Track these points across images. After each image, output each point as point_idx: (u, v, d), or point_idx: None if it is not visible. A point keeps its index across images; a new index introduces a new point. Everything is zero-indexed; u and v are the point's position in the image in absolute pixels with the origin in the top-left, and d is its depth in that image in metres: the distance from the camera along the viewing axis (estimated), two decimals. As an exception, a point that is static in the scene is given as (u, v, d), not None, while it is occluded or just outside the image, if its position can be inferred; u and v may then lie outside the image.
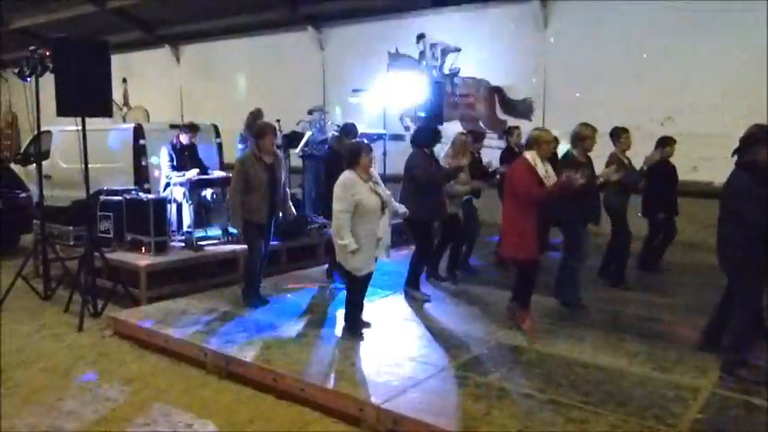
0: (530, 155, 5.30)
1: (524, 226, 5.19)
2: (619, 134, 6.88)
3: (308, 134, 9.66)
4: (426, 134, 6.36)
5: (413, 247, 6.63)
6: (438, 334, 5.43)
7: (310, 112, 10.39)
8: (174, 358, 5.33)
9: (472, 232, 7.37)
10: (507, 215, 5.33)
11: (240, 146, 8.95)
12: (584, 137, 5.86)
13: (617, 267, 6.92)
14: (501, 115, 11.43)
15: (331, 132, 10.32)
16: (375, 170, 5.29)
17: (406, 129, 12.41)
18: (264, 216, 6.01)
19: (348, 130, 6.96)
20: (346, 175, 5.08)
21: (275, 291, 6.76)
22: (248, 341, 5.26)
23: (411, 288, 6.45)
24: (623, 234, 6.82)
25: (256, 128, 6.03)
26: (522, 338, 5.29)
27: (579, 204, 5.75)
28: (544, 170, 5.29)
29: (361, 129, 10.05)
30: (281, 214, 6.40)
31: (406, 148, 6.48)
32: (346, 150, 5.27)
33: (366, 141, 5.48)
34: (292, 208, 6.47)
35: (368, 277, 5.30)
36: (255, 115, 9.08)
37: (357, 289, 5.36)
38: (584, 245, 5.98)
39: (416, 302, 6.29)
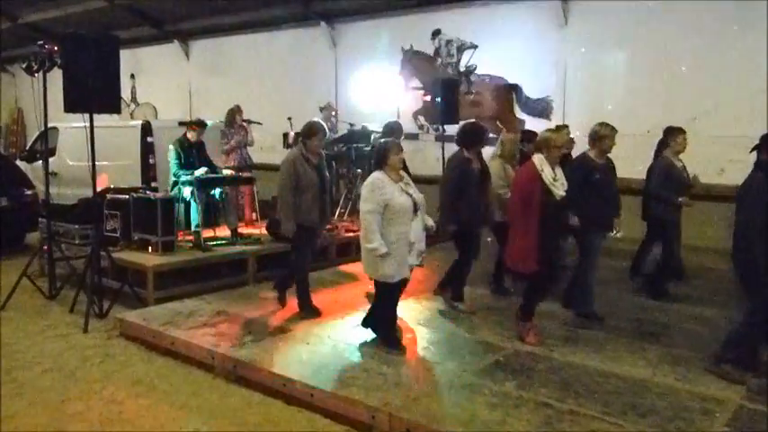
0: (537, 158, 5.17)
1: (527, 236, 5.02)
2: (674, 134, 6.53)
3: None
4: (471, 135, 6.09)
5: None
6: (453, 340, 5.41)
7: (321, 109, 10.41)
8: (181, 361, 5.35)
9: None
10: (512, 223, 5.22)
11: (222, 141, 8.97)
12: (601, 136, 5.74)
13: (660, 279, 6.70)
14: (519, 114, 11.38)
15: (346, 127, 10.34)
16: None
17: (420, 128, 12.38)
18: (316, 219, 5.91)
19: (392, 128, 6.67)
20: (374, 176, 4.96)
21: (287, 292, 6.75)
22: (258, 344, 5.26)
23: (453, 298, 6.27)
24: (671, 245, 6.56)
25: (305, 127, 5.94)
26: (538, 346, 5.25)
27: (595, 209, 5.63)
28: (552, 176, 5.11)
29: (371, 128, 10.13)
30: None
31: (421, 148, 6.45)
32: (375, 150, 5.14)
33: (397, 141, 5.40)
34: (329, 215, 6.44)
35: (401, 286, 5.11)
36: (234, 111, 9.14)
37: (388, 299, 5.17)
38: (597, 252, 5.84)
39: (431, 307, 6.25)
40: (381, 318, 5.25)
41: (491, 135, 8.55)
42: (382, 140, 5.31)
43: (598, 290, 6.07)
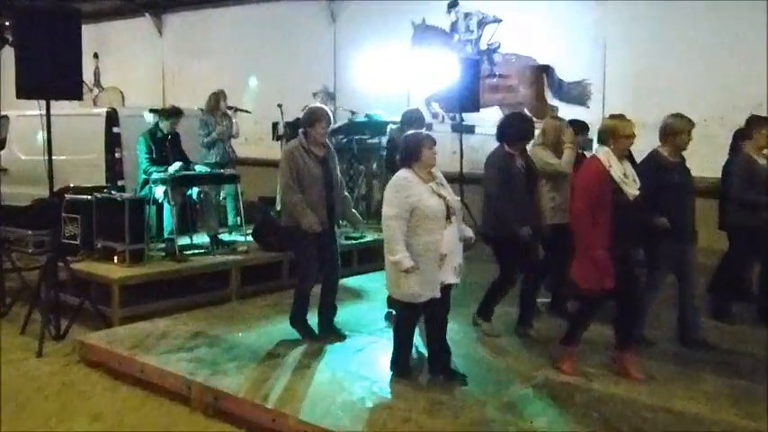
0: (603, 153, 5.08)
1: (598, 247, 4.90)
2: (758, 125, 6.41)
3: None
4: (517, 128, 6.02)
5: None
6: (476, 366, 5.39)
7: (314, 95, 10.42)
8: (151, 391, 5.34)
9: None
10: (577, 233, 5.10)
11: (201, 131, 8.99)
12: (677, 131, 5.66)
13: (725, 296, 6.67)
14: (550, 100, 11.37)
15: (345, 119, 10.37)
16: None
17: (434, 116, 12.38)
18: (324, 220, 5.89)
19: (411, 118, 6.57)
20: (401, 175, 4.87)
21: (276, 310, 6.76)
22: (243, 372, 5.25)
23: (481, 317, 6.24)
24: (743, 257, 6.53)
25: (306, 114, 5.94)
26: (577, 375, 5.23)
27: (671, 217, 5.55)
28: (622, 172, 5.02)
29: (378, 116, 10.16)
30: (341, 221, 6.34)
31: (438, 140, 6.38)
32: (403, 144, 5.03)
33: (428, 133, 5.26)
34: (357, 214, 6.41)
35: (427, 308, 4.96)
36: (218, 97, 9.14)
37: (407, 321, 5.07)
38: (667, 268, 5.77)
39: (450, 327, 6.21)
40: (396, 342, 5.19)
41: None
42: (412, 132, 5.20)
43: (657, 309, 6.06)
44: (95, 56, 17.28)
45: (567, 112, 10.55)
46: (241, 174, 8.98)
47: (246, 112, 9.51)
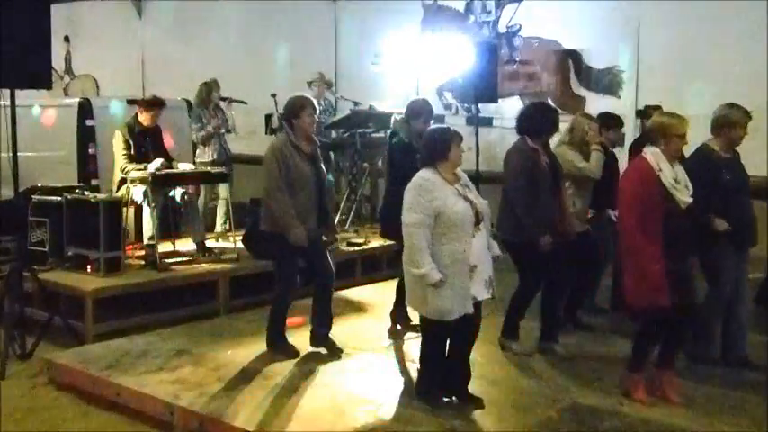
0: (651, 154, 5.00)
1: (651, 261, 4.82)
2: None
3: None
4: (540, 119, 5.98)
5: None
6: (495, 388, 5.36)
7: (309, 85, 10.40)
8: (129, 416, 5.32)
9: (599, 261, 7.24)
10: (626, 246, 5.03)
11: (194, 126, 8.98)
12: (732, 122, 5.61)
13: None
14: (577, 89, 11.34)
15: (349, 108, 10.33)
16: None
17: (447, 108, 12.36)
18: (313, 226, 5.88)
19: (417, 110, 6.49)
20: (423, 175, 4.79)
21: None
22: (231, 395, 5.23)
23: (506, 338, 6.14)
24: None
25: (288, 104, 5.92)
26: (607, 398, 5.19)
27: (726, 220, 5.50)
28: (673, 177, 4.94)
29: (383, 107, 10.12)
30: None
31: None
32: (427, 139, 4.97)
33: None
34: (334, 220, 6.49)
35: (459, 326, 4.85)
36: (210, 87, 9.14)
37: (437, 342, 4.96)
38: (729, 278, 5.68)
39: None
40: (424, 366, 5.10)
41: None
42: (438, 127, 5.15)
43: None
44: (66, 39, 17.32)
45: (596, 102, 10.54)
46: (232, 172, 8.97)
47: (242, 102, 9.49)
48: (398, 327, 6.67)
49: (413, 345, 6.29)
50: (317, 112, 6.11)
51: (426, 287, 4.68)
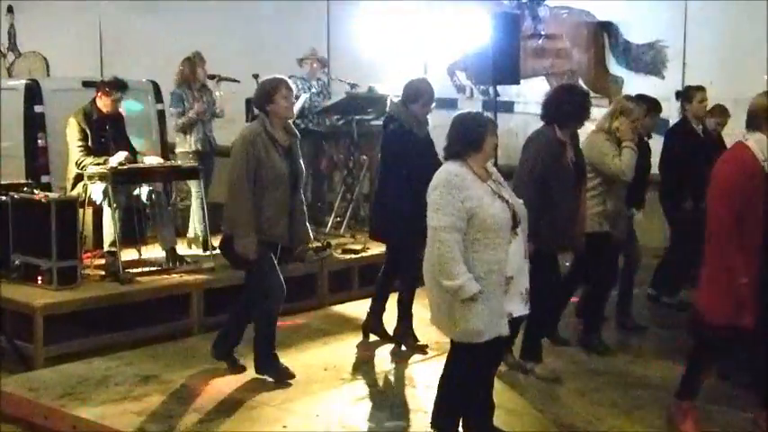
0: (754, 141, 4.90)
1: (740, 270, 4.75)
2: None
3: (302, 98, 9.70)
4: (568, 104, 6.00)
5: None
6: (518, 420, 5.40)
7: (300, 63, 10.45)
8: (88, 453, 5.35)
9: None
10: (712, 244, 4.96)
11: (173, 110, 9.02)
12: None
13: None
14: (614, 68, 11.39)
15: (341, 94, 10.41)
16: None
17: (460, 90, 12.41)
18: (284, 232, 5.98)
19: (414, 91, 6.57)
20: (452, 170, 4.66)
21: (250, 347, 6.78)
22: (208, 427, 5.27)
23: (529, 359, 6.18)
24: None
25: (259, 89, 6.03)
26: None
27: None
28: None
29: (384, 90, 10.17)
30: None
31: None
32: (458, 126, 4.82)
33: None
34: (309, 232, 6.50)
35: (489, 347, 4.75)
36: (193, 63, 9.15)
37: (469, 367, 4.83)
38: None
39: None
40: (444, 395, 4.98)
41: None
42: (469, 113, 5.05)
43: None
44: (10, 10, 17.36)
45: (636, 83, 10.57)
46: (210, 166, 9.02)
47: (234, 81, 9.44)
48: (402, 348, 6.75)
49: (420, 368, 6.38)
50: (293, 92, 6.17)
51: (456, 303, 4.54)
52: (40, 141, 9.31)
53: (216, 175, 9.29)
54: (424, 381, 6.06)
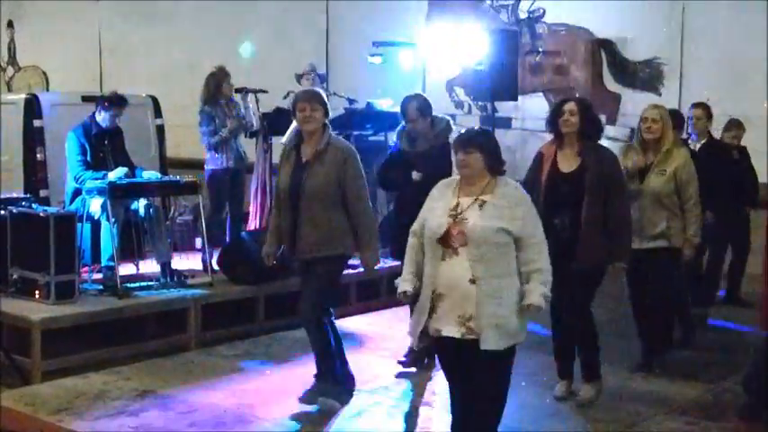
0: None
1: None
2: None
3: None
4: (548, 114, 6.12)
5: None
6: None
7: (299, 79, 10.46)
8: (84, 468, 5.35)
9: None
10: None
11: (203, 128, 8.99)
12: None
13: None
14: (611, 85, 11.41)
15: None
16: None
17: (459, 106, 12.43)
18: (288, 243, 6.05)
19: (401, 108, 6.75)
20: (445, 180, 4.89)
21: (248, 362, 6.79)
22: (204, 443, 5.31)
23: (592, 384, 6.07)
24: None
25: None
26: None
27: None
28: None
29: (383, 106, 10.19)
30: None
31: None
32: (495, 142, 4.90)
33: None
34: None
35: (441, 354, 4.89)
36: (218, 78, 9.06)
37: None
38: None
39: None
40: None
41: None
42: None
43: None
44: (10, 25, 17.38)
45: (633, 100, 10.61)
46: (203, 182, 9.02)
47: (263, 92, 9.27)
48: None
49: (421, 382, 6.40)
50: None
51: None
52: (38, 155, 9.29)
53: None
54: (430, 391, 6.10)
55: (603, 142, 6.35)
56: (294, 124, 6.10)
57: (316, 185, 5.80)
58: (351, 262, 8.86)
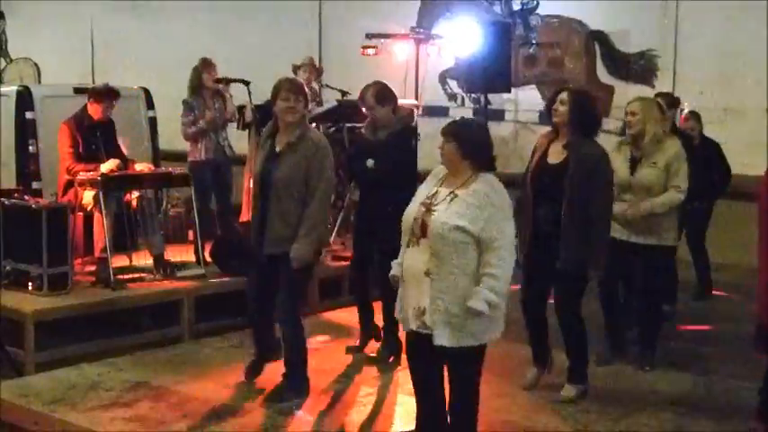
0: None
1: None
2: None
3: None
4: (598, 114, 6.04)
5: None
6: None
7: (296, 70, 10.47)
8: (77, 460, 5.38)
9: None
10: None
11: (183, 119, 9.02)
12: None
13: None
14: (604, 77, 11.44)
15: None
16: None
17: (452, 98, 12.44)
18: (254, 235, 6.05)
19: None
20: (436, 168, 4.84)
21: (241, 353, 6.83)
22: (196, 435, 5.32)
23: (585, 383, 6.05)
24: None
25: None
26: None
27: None
28: None
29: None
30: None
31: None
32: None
33: None
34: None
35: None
36: (199, 70, 9.12)
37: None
38: None
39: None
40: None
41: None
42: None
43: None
44: (1, 16, 17.34)
45: (627, 92, 10.63)
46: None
47: (244, 82, 9.36)
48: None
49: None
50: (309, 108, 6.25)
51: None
52: (31, 148, 9.26)
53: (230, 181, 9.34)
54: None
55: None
56: None
57: (284, 177, 5.78)
58: (344, 254, 9.05)
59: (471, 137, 4.67)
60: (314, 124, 10.28)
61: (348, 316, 7.87)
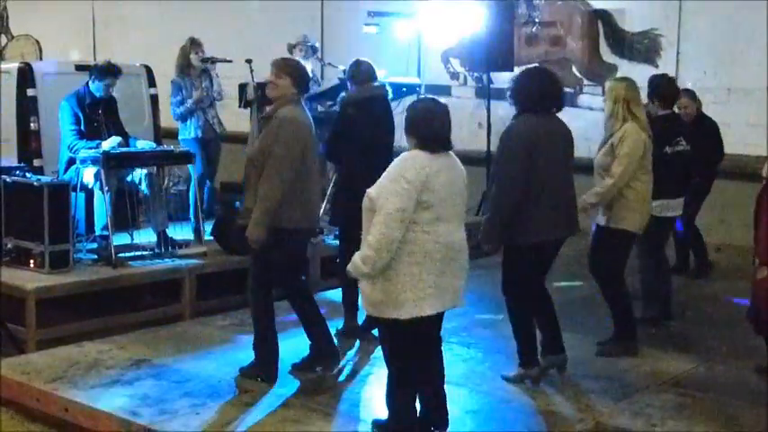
0: None
1: None
2: None
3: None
4: (536, 90, 5.80)
5: None
6: (500, 412, 5.46)
7: (291, 49, 10.42)
8: (79, 436, 5.39)
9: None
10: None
11: (172, 99, 9.03)
12: None
13: None
14: (607, 57, 11.40)
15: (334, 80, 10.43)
16: None
17: (454, 77, 12.41)
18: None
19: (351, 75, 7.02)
20: None
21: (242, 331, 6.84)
22: (196, 412, 5.32)
23: (522, 367, 5.95)
24: None
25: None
26: (636, 418, 5.27)
27: None
28: None
29: (378, 77, 10.13)
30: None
31: (455, 107, 6.43)
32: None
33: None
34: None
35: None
36: (187, 50, 9.18)
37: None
38: None
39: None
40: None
41: (565, 89, 8.57)
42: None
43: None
44: (2, -6, 17.31)
45: (631, 72, 10.55)
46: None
47: (226, 61, 9.43)
48: None
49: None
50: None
51: None
52: (32, 125, 9.28)
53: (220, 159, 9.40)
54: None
55: (598, 115, 6.33)
56: None
57: (250, 153, 5.98)
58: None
59: (410, 115, 4.83)
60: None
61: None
